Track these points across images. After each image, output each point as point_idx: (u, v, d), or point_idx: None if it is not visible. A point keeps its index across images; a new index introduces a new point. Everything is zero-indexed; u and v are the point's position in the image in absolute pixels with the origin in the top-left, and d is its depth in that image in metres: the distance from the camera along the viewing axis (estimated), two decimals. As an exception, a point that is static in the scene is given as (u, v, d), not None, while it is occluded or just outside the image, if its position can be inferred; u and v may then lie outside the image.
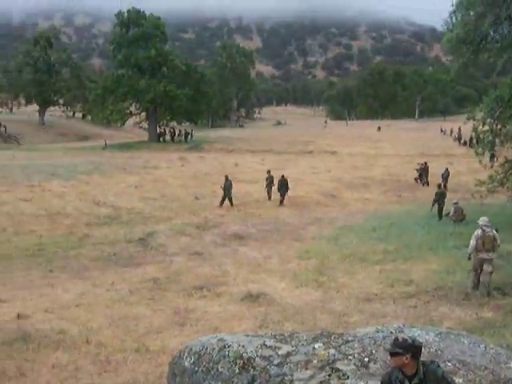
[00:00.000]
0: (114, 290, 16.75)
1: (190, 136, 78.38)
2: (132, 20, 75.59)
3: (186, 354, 7.32)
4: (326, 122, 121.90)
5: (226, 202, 32.50)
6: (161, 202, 33.34)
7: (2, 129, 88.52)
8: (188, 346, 7.45)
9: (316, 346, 6.68)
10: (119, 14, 76.37)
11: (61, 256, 22.24)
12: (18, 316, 14.17)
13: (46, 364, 11.45)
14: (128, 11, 76.21)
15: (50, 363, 11.47)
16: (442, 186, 32.29)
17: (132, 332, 13.17)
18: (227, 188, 32.46)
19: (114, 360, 11.57)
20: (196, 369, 6.97)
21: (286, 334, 6.94)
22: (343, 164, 50.01)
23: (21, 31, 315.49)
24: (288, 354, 6.51)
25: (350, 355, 6.50)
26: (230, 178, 33.22)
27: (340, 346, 6.69)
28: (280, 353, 6.54)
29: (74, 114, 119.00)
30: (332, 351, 6.56)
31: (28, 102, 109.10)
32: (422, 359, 5.29)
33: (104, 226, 27.93)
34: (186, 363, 7.18)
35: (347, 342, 6.82)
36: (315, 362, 6.38)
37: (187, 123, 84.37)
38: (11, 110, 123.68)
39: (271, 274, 18.28)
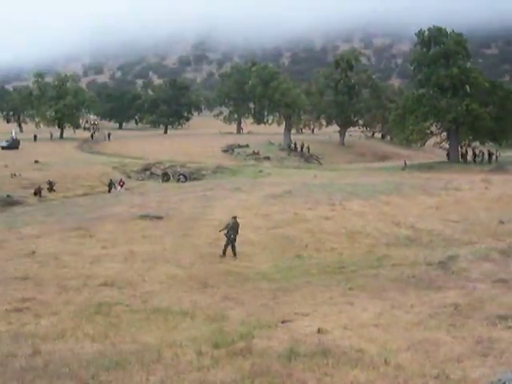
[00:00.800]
0: (413, 313, 16.40)
1: (494, 157, 75.19)
2: (433, 38, 74.67)
3: (495, 388, 6.84)
4: None
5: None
6: (462, 225, 32.21)
7: (305, 149, 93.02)
8: (501, 379, 6.96)
9: None
10: (420, 33, 75.88)
11: (360, 275, 22.48)
12: (319, 330, 14.46)
13: (344, 380, 11.45)
14: (429, 29, 75.42)
15: (348, 380, 11.47)
16: None
17: (431, 358, 12.71)
18: None
19: (412, 384, 11.28)
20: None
21: None
22: None
23: (322, 55, 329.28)
24: None
25: None
26: None
27: None
28: None
29: (373, 134, 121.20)
30: None
31: (329, 123, 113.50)
32: None
33: (403, 247, 27.76)
34: (496, 397, 6.71)
35: None
36: None
37: (491, 143, 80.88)
38: (313, 131, 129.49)
39: None
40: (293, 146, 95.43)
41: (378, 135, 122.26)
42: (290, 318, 16.37)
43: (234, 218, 27.53)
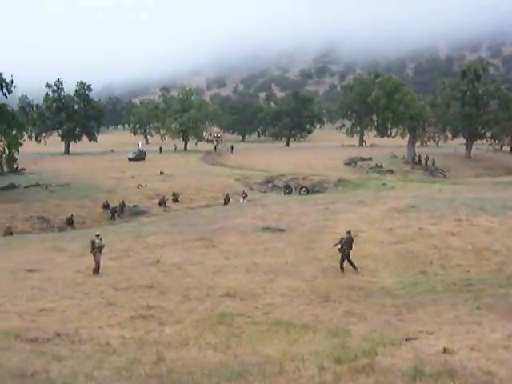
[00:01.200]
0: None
1: None
2: None
3: None
4: None
5: None
6: None
7: (430, 162, 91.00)
8: None
9: None
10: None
11: (488, 294, 21.60)
12: (444, 350, 13.95)
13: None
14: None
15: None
16: None
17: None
18: None
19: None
20: None
21: None
22: None
23: (447, 65, 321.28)
24: None
25: None
26: None
27: None
28: None
29: (501, 147, 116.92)
30: None
31: (454, 136, 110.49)
32: None
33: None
34: None
35: None
36: None
37: None
38: (437, 143, 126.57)
39: None
40: (417, 159, 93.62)
41: (507, 148, 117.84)
42: (414, 335, 15.94)
43: (349, 232, 27.23)
